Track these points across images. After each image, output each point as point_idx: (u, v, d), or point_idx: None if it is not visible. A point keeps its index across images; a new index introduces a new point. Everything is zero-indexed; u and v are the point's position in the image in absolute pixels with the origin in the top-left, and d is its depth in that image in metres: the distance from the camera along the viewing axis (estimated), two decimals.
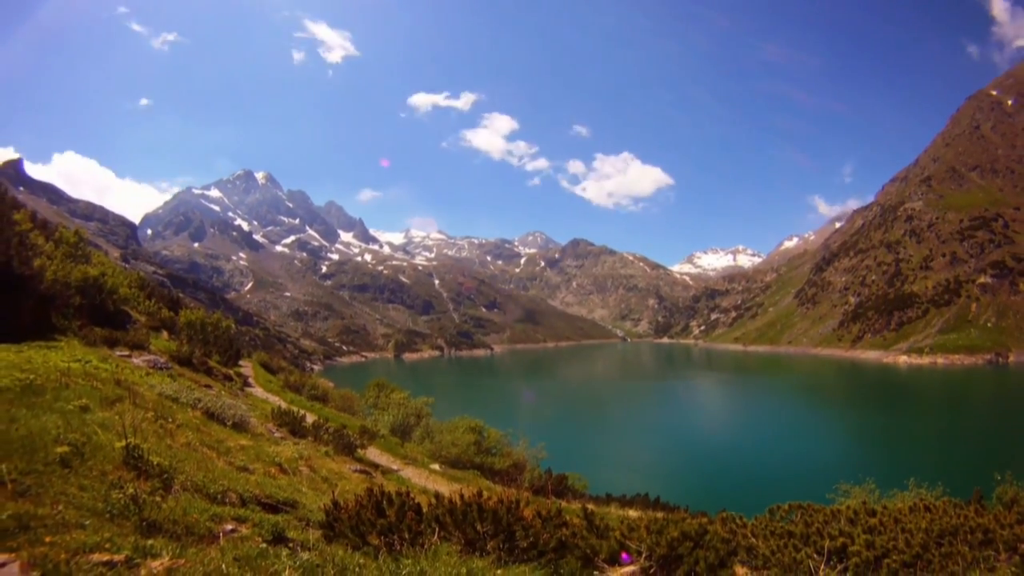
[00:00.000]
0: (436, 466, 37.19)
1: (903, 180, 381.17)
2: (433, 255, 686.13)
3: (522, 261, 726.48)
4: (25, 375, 14.37)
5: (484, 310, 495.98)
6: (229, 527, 8.84)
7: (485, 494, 10.24)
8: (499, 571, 7.81)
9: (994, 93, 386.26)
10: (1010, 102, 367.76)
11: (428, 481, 30.34)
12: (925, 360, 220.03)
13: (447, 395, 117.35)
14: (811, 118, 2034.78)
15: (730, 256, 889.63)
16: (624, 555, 11.29)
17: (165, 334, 47.46)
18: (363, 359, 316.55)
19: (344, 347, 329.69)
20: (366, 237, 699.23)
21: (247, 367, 59.91)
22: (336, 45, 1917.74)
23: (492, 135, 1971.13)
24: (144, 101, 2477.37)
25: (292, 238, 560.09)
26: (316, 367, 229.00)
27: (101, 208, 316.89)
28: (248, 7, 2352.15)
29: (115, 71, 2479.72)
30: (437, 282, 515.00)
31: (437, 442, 44.27)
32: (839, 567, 11.74)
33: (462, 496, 10.14)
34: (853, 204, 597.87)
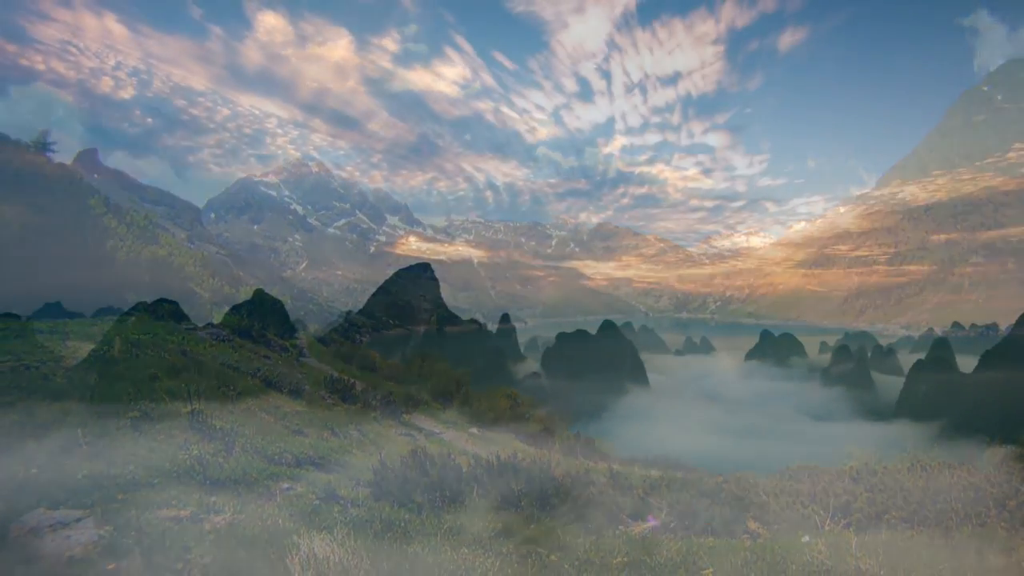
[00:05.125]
0: (474, 430, 37.25)
1: (902, 168, 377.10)
2: (472, 237, 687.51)
3: (553, 242, 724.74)
4: (100, 347, 14.51)
5: (518, 287, 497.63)
6: (285, 485, 8.84)
7: (519, 456, 10.17)
8: (532, 525, 7.72)
9: (986, 89, 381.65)
10: (1000, 97, 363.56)
11: (467, 443, 30.38)
12: (922, 332, 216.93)
13: (484, 365, 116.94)
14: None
15: (743, 237, 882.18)
16: (649, 517, 11.23)
17: (227, 308, 47.86)
18: (408, 332, 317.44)
19: (391, 321, 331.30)
20: (411, 221, 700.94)
21: (302, 339, 60.35)
22: None
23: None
24: None
25: (343, 221, 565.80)
26: (365, 339, 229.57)
27: (169, 194, 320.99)
28: None
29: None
30: (475, 262, 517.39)
31: (475, 408, 44.42)
32: (843, 522, 11.67)
33: (498, 457, 10.08)
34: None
